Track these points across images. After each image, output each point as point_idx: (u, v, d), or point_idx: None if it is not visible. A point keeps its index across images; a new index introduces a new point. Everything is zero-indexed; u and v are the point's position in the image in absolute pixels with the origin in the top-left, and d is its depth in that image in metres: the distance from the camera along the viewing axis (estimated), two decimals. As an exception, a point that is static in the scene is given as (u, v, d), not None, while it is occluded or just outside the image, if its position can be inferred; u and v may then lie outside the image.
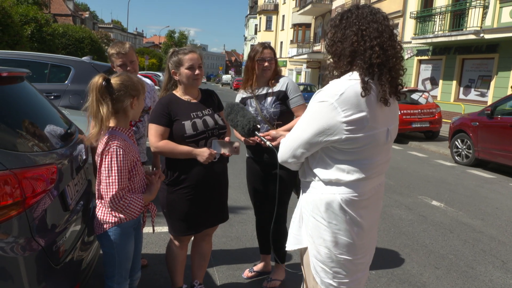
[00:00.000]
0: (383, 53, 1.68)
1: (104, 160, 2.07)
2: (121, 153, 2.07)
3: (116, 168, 2.06)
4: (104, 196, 2.09)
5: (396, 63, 1.73)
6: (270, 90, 3.12)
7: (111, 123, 2.16)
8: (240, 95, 3.26)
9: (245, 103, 3.19)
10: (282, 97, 3.08)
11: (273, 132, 2.17)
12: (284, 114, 3.08)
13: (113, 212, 2.18)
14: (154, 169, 3.35)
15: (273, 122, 3.07)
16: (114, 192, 2.05)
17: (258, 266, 3.56)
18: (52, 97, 5.90)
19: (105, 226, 2.20)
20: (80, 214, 2.47)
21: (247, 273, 3.52)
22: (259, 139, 2.25)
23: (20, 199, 1.82)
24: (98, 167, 2.12)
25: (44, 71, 6.34)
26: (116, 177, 2.06)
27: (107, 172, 2.06)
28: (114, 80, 2.13)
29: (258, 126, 2.28)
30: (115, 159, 2.06)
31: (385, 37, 1.69)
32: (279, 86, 3.11)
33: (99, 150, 2.13)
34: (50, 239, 2.03)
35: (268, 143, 2.18)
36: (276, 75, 3.17)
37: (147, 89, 3.21)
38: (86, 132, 3.14)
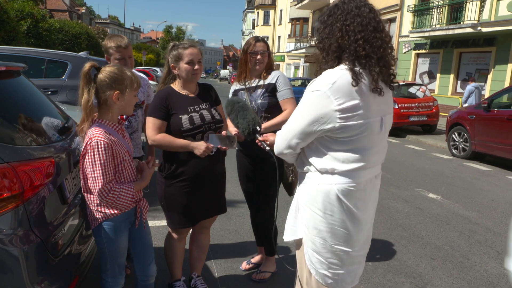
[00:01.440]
0: (369, 45, 1.71)
1: (87, 154, 2.04)
2: (102, 145, 2.03)
3: (99, 161, 2.02)
4: (92, 191, 2.07)
5: (384, 53, 1.76)
6: (261, 83, 3.14)
7: (96, 115, 2.15)
8: (233, 87, 3.29)
9: (237, 94, 3.21)
10: (271, 90, 3.09)
11: (271, 138, 2.17)
12: (273, 107, 3.08)
13: (99, 207, 2.15)
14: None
15: (260, 114, 3.08)
16: (100, 186, 2.03)
17: (256, 258, 3.59)
18: (49, 92, 5.90)
19: (94, 222, 2.19)
20: (78, 208, 2.50)
21: (244, 265, 3.55)
22: (259, 142, 2.23)
23: (18, 192, 1.84)
24: (80, 160, 2.10)
25: (41, 67, 6.34)
26: (101, 171, 2.02)
27: (91, 166, 2.03)
28: (103, 70, 2.13)
29: (258, 129, 2.27)
30: (97, 152, 2.02)
31: (369, 30, 1.72)
32: (270, 79, 3.13)
33: (83, 143, 2.10)
34: (49, 232, 2.05)
35: (267, 148, 2.18)
36: (269, 69, 3.19)
37: (141, 84, 3.19)
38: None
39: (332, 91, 1.68)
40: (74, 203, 2.44)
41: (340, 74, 1.71)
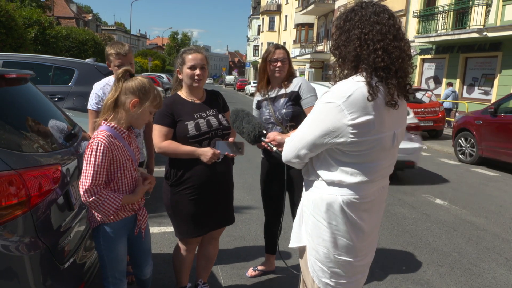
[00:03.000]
0: (388, 56, 1.65)
1: (86, 152, 2.06)
2: (102, 147, 2.03)
3: (94, 161, 2.02)
4: (80, 189, 2.05)
5: (403, 64, 1.69)
6: (283, 91, 3.08)
7: (110, 118, 2.17)
8: (256, 99, 3.26)
9: (260, 106, 3.19)
10: (294, 98, 3.04)
11: (278, 138, 2.14)
12: (297, 116, 3.01)
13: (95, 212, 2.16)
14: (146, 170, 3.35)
15: (285, 124, 3.04)
16: (87, 186, 2.01)
17: (263, 266, 3.57)
18: (56, 99, 5.95)
19: (93, 223, 2.20)
20: (85, 214, 2.50)
21: (251, 272, 3.53)
22: (266, 145, 2.22)
23: (25, 198, 1.85)
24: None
25: (48, 73, 6.39)
26: (92, 171, 2.01)
27: (85, 165, 2.03)
28: (136, 78, 2.19)
29: (264, 132, 2.26)
30: (95, 152, 2.03)
31: (389, 39, 1.65)
32: (292, 87, 3.08)
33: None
34: (55, 239, 2.06)
35: (274, 148, 2.16)
36: (290, 76, 3.14)
37: None
38: (88, 131, 3.18)
39: (346, 104, 1.61)
40: (80, 210, 2.45)
41: (356, 87, 1.64)
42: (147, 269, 2.51)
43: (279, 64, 3.04)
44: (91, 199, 2.03)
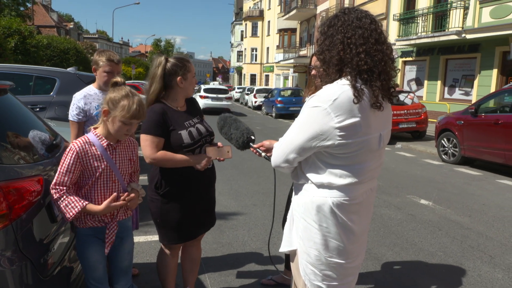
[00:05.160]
0: (370, 59, 1.69)
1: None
2: (72, 151, 2.11)
3: (62, 162, 2.11)
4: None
5: (386, 67, 1.73)
6: None
7: (99, 126, 2.21)
8: None
9: None
10: None
11: (266, 143, 2.17)
12: None
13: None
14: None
15: None
16: (51, 184, 2.09)
17: (278, 278, 3.48)
18: (38, 109, 5.86)
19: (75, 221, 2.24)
20: (68, 225, 2.46)
21: (264, 280, 3.50)
22: (254, 150, 2.22)
23: (5, 212, 1.81)
24: None
25: (29, 83, 6.29)
26: (59, 171, 2.10)
27: (59, 166, 2.13)
28: (121, 88, 2.20)
29: (253, 138, 2.26)
30: (65, 155, 2.12)
31: (371, 42, 1.69)
32: None
33: None
34: (38, 251, 2.02)
35: (263, 154, 2.17)
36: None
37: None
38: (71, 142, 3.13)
39: (332, 108, 1.65)
40: (64, 221, 2.41)
41: (341, 91, 1.67)
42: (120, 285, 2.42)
43: (313, 72, 2.81)
44: (55, 197, 2.09)
